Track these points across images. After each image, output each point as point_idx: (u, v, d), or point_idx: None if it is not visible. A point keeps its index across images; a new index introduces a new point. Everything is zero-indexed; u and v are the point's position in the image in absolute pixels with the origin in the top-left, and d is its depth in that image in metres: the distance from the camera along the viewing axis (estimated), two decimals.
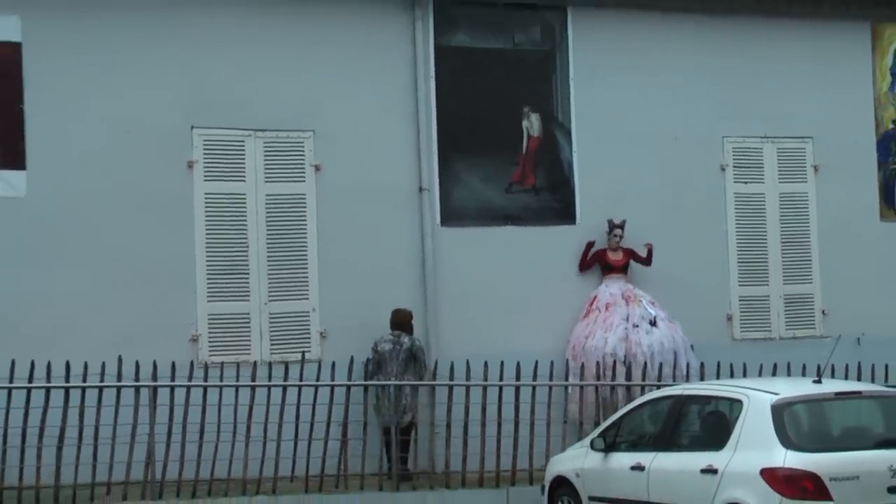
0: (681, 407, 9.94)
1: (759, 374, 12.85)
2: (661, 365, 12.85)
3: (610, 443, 10.44)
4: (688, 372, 13.14)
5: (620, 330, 13.20)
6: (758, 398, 9.10)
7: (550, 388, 12.50)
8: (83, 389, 11.08)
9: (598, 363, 12.96)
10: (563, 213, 14.03)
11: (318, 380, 11.95)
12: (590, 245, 13.79)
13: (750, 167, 14.70)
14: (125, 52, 12.51)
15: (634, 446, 10.24)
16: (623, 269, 13.77)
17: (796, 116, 14.83)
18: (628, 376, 12.83)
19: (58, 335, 11.71)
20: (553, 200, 14.02)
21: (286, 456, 11.58)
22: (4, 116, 12.14)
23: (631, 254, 13.82)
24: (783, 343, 14.39)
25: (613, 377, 12.75)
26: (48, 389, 10.94)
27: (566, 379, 12.93)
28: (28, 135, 12.18)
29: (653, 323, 13.30)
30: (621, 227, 13.75)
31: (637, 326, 13.25)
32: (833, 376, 12.30)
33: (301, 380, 11.92)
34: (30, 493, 10.77)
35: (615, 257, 13.77)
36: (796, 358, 13.08)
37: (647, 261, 13.87)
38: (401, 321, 12.61)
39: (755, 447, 8.78)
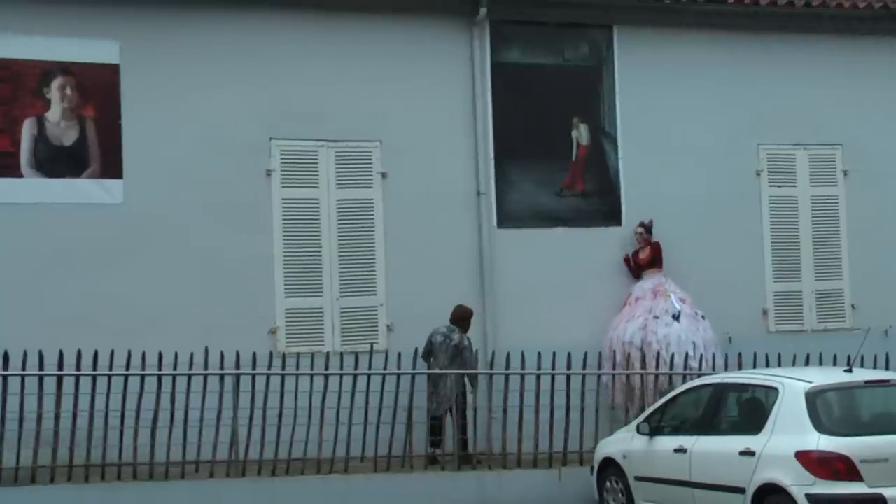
0: (720, 394, 9.96)
1: (793, 364, 12.78)
2: (673, 355, 12.66)
3: (654, 427, 10.48)
4: (714, 365, 12.93)
5: (640, 320, 13.11)
6: (792, 386, 9.12)
7: (599, 376, 12.53)
8: (174, 377, 11.20)
9: (613, 352, 12.94)
10: (610, 215, 14.03)
11: (385, 369, 12.01)
12: (626, 259, 13.75)
13: (783, 172, 14.63)
14: (210, 72, 12.67)
15: (677, 430, 10.27)
16: (651, 264, 13.60)
17: (827, 125, 14.74)
18: (643, 364, 12.76)
19: (151, 328, 11.85)
20: (601, 204, 14.03)
21: (357, 438, 11.64)
22: (104, 131, 12.33)
23: (654, 249, 13.66)
24: (815, 335, 14.29)
25: (628, 366, 12.77)
26: (143, 377, 11.08)
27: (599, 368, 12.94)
28: (125, 147, 12.36)
29: (675, 317, 13.08)
30: (641, 225, 13.70)
31: (657, 318, 13.08)
32: (862, 366, 12.16)
33: (370, 369, 11.99)
34: (128, 469, 10.95)
35: (643, 255, 13.67)
36: (827, 349, 12.99)
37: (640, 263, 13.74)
38: (459, 316, 12.53)
39: (790, 431, 8.80)
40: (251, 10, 12.83)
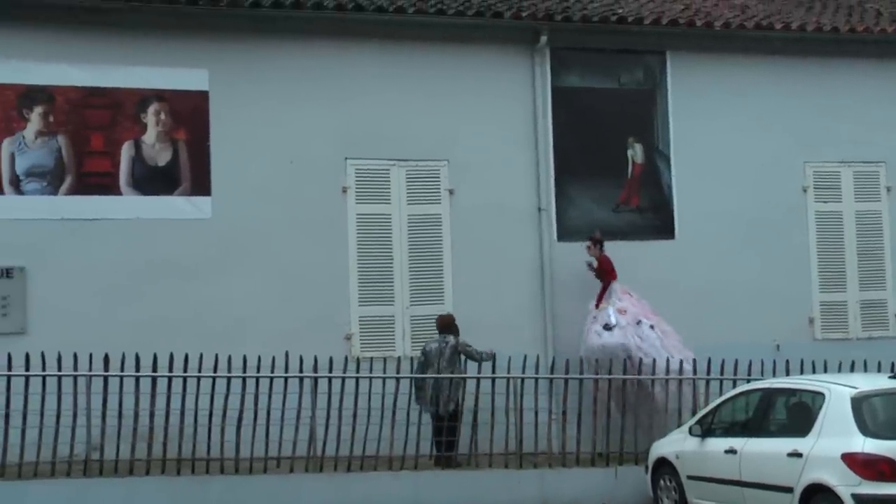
0: (770, 398, 9.87)
1: (839, 371, 12.58)
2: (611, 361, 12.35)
3: (706, 429, 10.41)
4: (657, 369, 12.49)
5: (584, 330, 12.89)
6: (838, 391, 9.01)
7: (652, 381, 12.44)
8: (257, 379, 11.29)
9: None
10: (664, 229, 13.97)
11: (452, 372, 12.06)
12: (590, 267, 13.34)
13: (829, 188, 14.46)
14: (291, 97, 12.84)
15: (728, 432, 10.19)
16: (600, 276, 13.12)
17: (870, 143, 14.53)
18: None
19: (236, 333, 12.02)
20: (655, 219, 13.97)
21: (426, 437, 11.70)
22: (195, 152, 12.56)
23: (600, 261, 13.13)
24: (859, 343, 14.08)
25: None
26: (229, 379, 11.19)
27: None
28: (213, 167, 12.57)
29: (606, 328, 12.65)
30: (590, 239, 13.22)
31: (598, 333, 12.70)
32: None
33: (437, 372, 12.00)
34: (216, 463, 11.07)
35: (594, 267, 13.28)
36: (872, 356, 12.77)
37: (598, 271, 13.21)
38: (445, 324, 12.27)
39: (836, 434, 8.70)
40: (329, 39, 13.00)
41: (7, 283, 11.86)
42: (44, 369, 10.77)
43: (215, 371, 11.21)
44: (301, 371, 11.46)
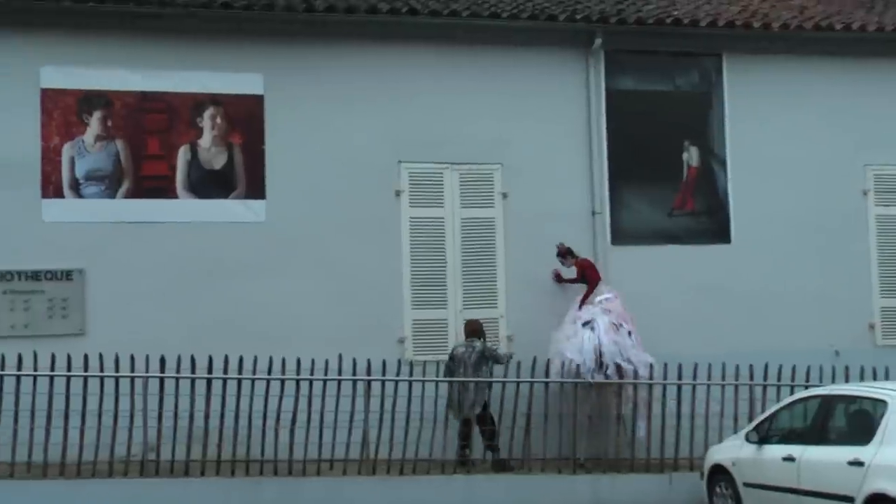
0: (829, 405, 9.69)
1: None
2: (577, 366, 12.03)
3: (763, 436, 10.26)
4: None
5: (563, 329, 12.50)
6: None
7: (709, 386, 12.27)
8: (311, 381, 11.32)
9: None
10: (720, 233, 13.80)
11: (504, 377, 11.99)
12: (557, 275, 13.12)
13: (890, 191, 14.18)
14: (345, 101, 12.88)
15: (785, 439, 10.01)
16: (584, 280, 12.79)
17: None
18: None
19: (290, 336, 12.03)
20: (710, 223, 13.81)
21: (478, 441, 11.68)
22: (249, 156, 12.63)
23: (579, 266, 12.85)
24: None
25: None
26: (283, 381, 11.25)
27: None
28: (267, 170, 12.64)
29: (585, 323, 12.31)
30: (559, 254, 12.91)
31: (573, 323, 12.44)
32: None
33: (491, 376, 11.97)
34: (269, 465, 11.12)
35: (572, 276, 12.95)
36: None
37: (576, 280, 12.91)
38: (473, 330, 12.24)
39: None
40: (382, 43, 13.01)
41: (67, 285, 12.02)
42: (102, 370, 10.92)
43: (269, 373, 11.26)
44: (354, 374, 11.49)
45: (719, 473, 10.84)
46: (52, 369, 10.81)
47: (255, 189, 12.60)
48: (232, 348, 11.25)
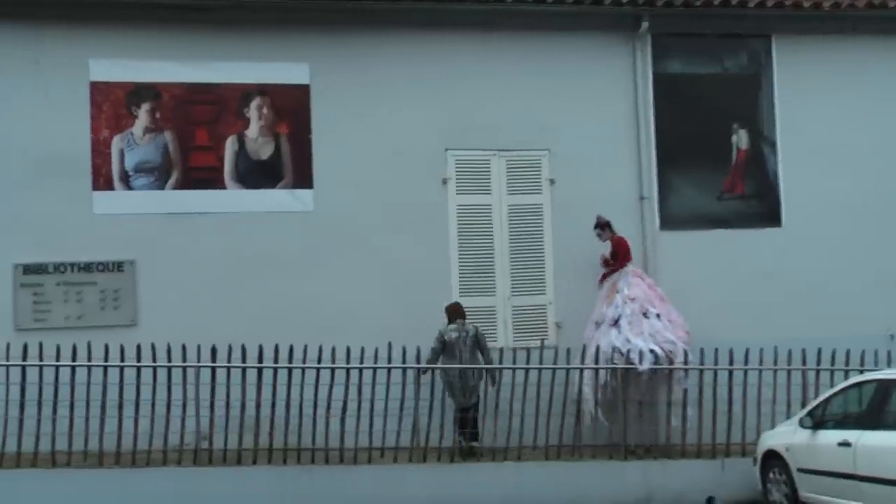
0: (886, 390, 9.56)
1: None
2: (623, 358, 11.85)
3: (817, 421, 10.17)
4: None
5: (591, 331, 12.35)
6: None
7: (760, 371, 12.16)
8: (360, 370, 11.39)
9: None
10: (770, 217, 13.66)
11: (554, 364, 11.93)
12: (604, 260, 12.86)
13: None
14: (391, 89, 12.88)
15: (840, 424, 9.93)
16: (614, 259, 12.66)
17: None
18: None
19: (339, 324, 12.06)
20: (760, 206, 13.66)
21: (529, 428, 11.65)
22: (296, 146, 12.68)
23: (614, 244, 12.68)
24: None
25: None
26: (333, 370, 11.30)
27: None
28: (314, 160, 12.67)
29: (613, 323, 12.14)
30: (597, 225, 12.75)
31: (599, 325, 12.26)
32: None
33: (540, 364, 11.93)
34: (321, 453, 11.20)
35: (607, 253, 12.81)
36: None
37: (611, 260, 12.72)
38: (458, 312, 12.08)
39: None
40: (428, 30, 12.98)
41: (118, 276, 12.16)
42: (154, 360, 11.05)
43: (319, 362, 11.32)
44: (404, 362, 11.51)
45: (772, 459, 10.76)
46: (106, 360, 10.95)
47: (303, 179, 12.65)
48: (282, 337, 11.31)
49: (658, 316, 12.25)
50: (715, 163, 13.62)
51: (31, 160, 12.02)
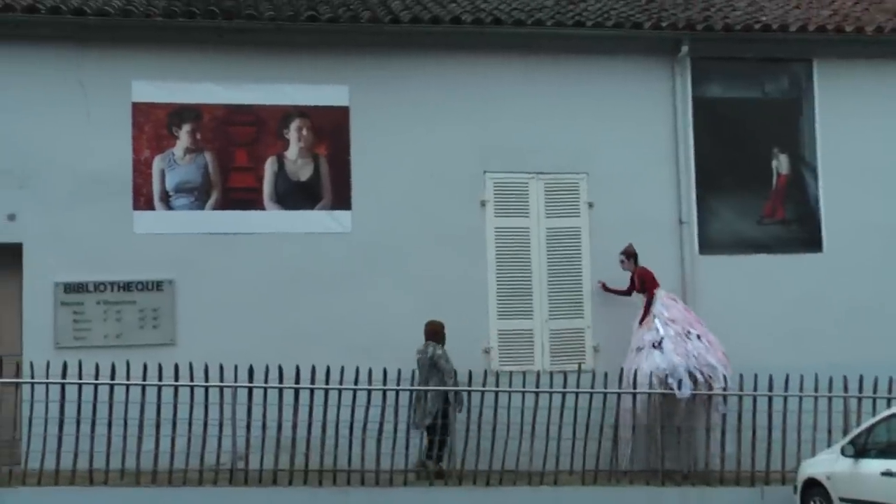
0: None
1: None
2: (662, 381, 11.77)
3: (859, 449, 10.04)
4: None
5: (631, 355, 12.22)
6: None
7: (801, 398, 12.02)
8: (397, 392, 11.37)
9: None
10: (810, 242, 13.56)
11: (592, 388, 11.84)
12: (602, 286, 12.91)
13: None
14: (430, 112, 12.94)
15: (884, 453, 9.81)
16: (641, 290, 12.54)
17: None
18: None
19: (375, 346, 12.04)
20: (801, 231, 13.57)
21: (565, 452, 11.57)
22: (335, 167, 12.75)
23: (639, 274, 12.58)
24: None
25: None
26: (370, 391, 11.27)
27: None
28: (353, 181, 12.73)
29: (657, 345, 12.05)
30: (623, 253, 12.71)
31: (641, 349, 12.13)
32: None
33: (577, 387, 11.82)
34: (356, 475, 11.17)
35: (633, 283, 12.73)
36: None
37: (626, 291, 12.76)
38: (431, 331, 11.94)
39: None
40: (467, 53, 13.05)
41: (157, 295, 12.25)
42: (192, 380, 11.09)
43: (356, 383, 11.29)
44: None
45: (813, 487, 10.62)
46: (144, 378, 11.02)
47: (341, 200, 12.71)
48: (318, 358, 11.31)
49: (699, 337, 12.18)
50: (755, 187, 13.55)
51: (74, 180, 12.17)
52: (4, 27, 12.12)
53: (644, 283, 12.60)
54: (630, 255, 12.71)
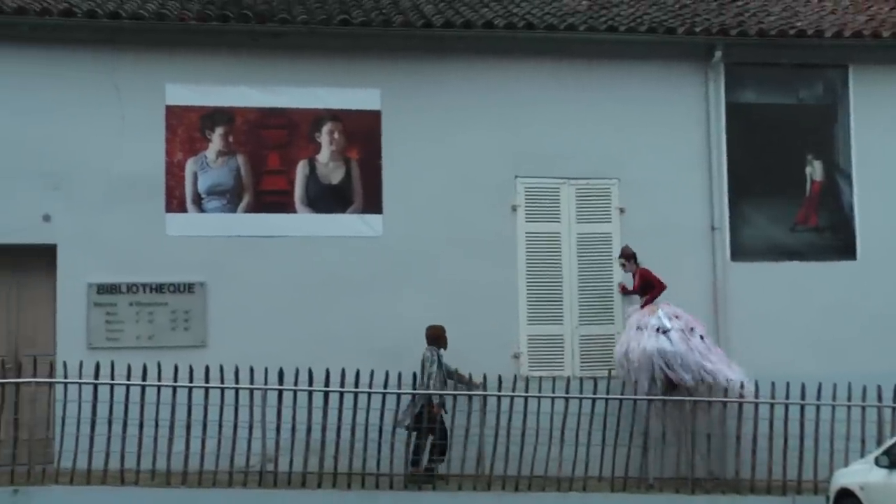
0: None
1: None
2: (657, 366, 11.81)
3: (894, 460, 9.91)
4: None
5: (629, 332, 12.21)
6: None
7: (834, 407, 11.93)
8: (429, 396, 11.46)
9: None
10: (844, 249, 13.45)
11: (622, 394, 11.85)
12: (622, 287, 12.90)
13: None
14: (461, 116, 12.94)
15: None
16: (643, 291, 12.50)
17: None
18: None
19: (406, 350, 11.98)
20: (835, 239, 13.47)
21: (595, 458, 11.53)
22: (367, 171, 12.78)
23: (641, 276, 12.55)
24: None
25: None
26: (399, 395, 11.33)
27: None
28: (384, 185, 12.76)
29: (663, 332, 11.99)
30: (622, 255, 12.69)
31: (641, 329, 12.09)
32: None
33: (607, 393, 11.84)
34: (385, 479, 11.21)
35: (634, 284, 12.70)
36: None
37: (634, 291, 12.72)
38: (431, 336, 11.97)
39: None
40: (499, 57, 13.05)
41: (189, 297, 12.32)
42: (222, 382, 11.16)
43: (385, 387, 11.33)
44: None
45: (846, 498, 10.48)
46: (175, 380, 11.09)
47: (372, 204, 12.74)
48: (348, 362, 11.35)
49: (702, 337, 12.17)
50: (788, 194, 13.47)
51: (108, 182, 12.26)
52: (42, 31, 12.25)
53: (650, 282, 12.52)
54: (629, 256, 12.66)
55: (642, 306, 12.49)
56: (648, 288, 12.54)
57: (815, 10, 14.40)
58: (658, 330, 12.04)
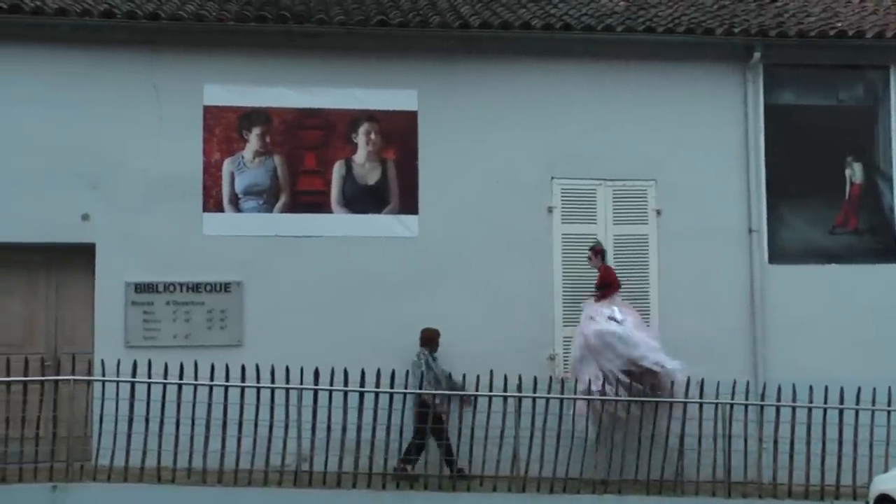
0: None
1: None
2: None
3: None
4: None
5: (584, 323, 12.13)
6: None
7: (873, 412, 11.79)
8: (460, 398, 11.48)
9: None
10: (885, 252, 13.32)
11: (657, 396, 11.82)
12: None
13: None
14: (497, 117, 12.92)
15: None
16: (602, 287, 12.40)
17: None
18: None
19: (441, 351, 12.05)
20: (874, 241, 13.34)
21: (630, 461, 11.47)
22: (403, 172, 12.80)
23: (602, 273, 12.47)
24: None
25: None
26: (434, 396, 11.39)
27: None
28: (421, 186, 12.78)
29: (614, 320, 11.98)
30: (591, 249, 12.57)
31: (593, 318, 12.03)
32: None
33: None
34: (420, 480, 11.28)
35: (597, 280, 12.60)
36: None
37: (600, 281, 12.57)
38: (424, 338, 12.11)
39: None
40: (536, 58, 13.03)
41: (225, 297, 12.39)
42: (258, 381, 11.20)
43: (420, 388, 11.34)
44: (505, 390, 11.47)
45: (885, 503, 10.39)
46: (212, 379, 11.16)
47: (409, 204, 12.76)
48: (384, 362, 11.39)
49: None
50: (827, 196, 13.36)
51: (146, 181, 12.35)
52: (82, 31, 12.35)
53: (609, 280, 12.40)
54: (599, 252, 12.56)
55: (596, 300, 12.39)
56: (605, 286, 12.46)
57: (856, 10, 14.27)
58: (609, 318, 12.03)
